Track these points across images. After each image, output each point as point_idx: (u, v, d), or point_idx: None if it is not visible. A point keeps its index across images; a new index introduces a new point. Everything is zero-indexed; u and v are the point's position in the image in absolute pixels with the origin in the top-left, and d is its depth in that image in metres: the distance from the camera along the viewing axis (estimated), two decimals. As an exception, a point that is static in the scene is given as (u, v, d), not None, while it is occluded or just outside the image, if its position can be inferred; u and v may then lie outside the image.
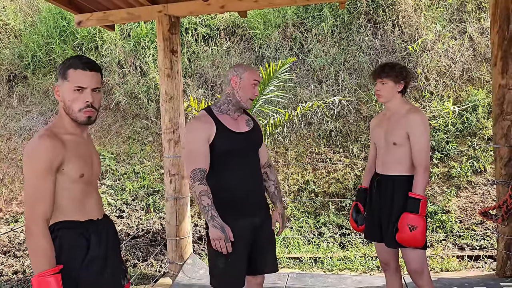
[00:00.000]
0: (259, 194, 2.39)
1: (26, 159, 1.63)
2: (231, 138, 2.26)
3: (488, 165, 5.40)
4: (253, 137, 2.37)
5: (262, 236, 2.35)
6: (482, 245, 4.66)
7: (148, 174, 6.43)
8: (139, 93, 7.21)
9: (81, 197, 1.75)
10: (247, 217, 2.25)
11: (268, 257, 2.40)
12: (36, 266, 1.58)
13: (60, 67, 1.76)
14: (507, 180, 3.57)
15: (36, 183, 1.61)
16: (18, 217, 6.23)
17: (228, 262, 2.21)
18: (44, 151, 1.62)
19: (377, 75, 2.60)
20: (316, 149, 6.16)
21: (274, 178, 2.49)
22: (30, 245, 1.59)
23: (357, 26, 6.86)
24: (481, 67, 6.29)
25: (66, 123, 1.76)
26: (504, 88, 3.59)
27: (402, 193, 2.52)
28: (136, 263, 4.82)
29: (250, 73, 2.32)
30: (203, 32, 7.47)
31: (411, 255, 2.51)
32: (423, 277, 2.52)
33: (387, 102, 2.63)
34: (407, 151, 2.52)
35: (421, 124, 2.48)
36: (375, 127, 2.77)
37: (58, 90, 1.75)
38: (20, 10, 8.61)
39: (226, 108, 2.34)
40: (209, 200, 2.12)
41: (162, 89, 4.08)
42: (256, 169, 2.39)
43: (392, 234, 2.50)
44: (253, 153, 2.39)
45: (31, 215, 1.59)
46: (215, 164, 2.25)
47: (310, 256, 4.65)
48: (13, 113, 7.68)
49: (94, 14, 4.19)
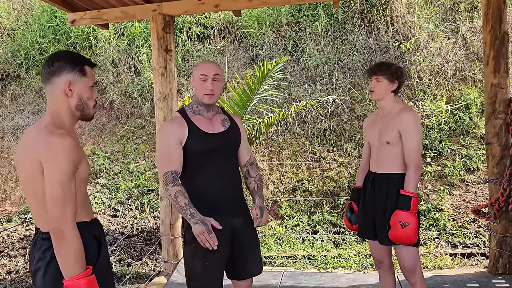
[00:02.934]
0: (236, 195, 2.32)
1: (49, 159, 1.55)
2: (204, 140, 2.21)
3: (480, 163, 5.45)
4: (228, 138, 2.30)
5: (242, 238, 2.28)
6: (474, 243, 4.70)
7: (143, 173, 6.42)
8: (133, 92, 7.20)
9: (85, 197, 1.74)
10: (223, 218, 2.15)
11: (250, 260, 2.33)
12: (69, 269, 1.53)
13: (65, 62, 1.68)
14: (499, 179, 3.60)
15: (64, 184, 1.55)
16: (11, 216, 6.20)
17: (206, 262, 2.17)
18: (69, 150, 1.57)
19: (373, 72, 2.65)
20: (310, 148, 6.18)
21: (255, 175, 2.39)
22: (62, 248, 1.53)
23: (351, 25, 6.89)
24: (473, 66, 6.34)
25: (65, 121, 1.69)
26: (496, 87, 3.62)
27: (395, 191, 2.54)
28: (130, 262, 4.82)
29: (198, 69, 2.25)
30: (198, 31, 7.47)
31: (403, 252, 2.53)
32: (416, 275, 2.55)
33: (379, 100, 2.67)
34: (400, 149, 2.55)
35: (413, 122, 2.52)
36: (368, 127, 2.81)
37: (71, 85, 1.68)
38: (13, 8, 8.56)
39: (197, 108, 2.30)
40: (185, 200, 2.09)
41: (156, 88, 4.07)
42: (233, 170, 2.33)
43: (385, 232, 2.53)
44: (229, 153, 2.31)
45: (62, 217, 1.53)
46: (190, 165, 2.22)
47: (305, 255, 4.67)
48: (6, 112, 7.64)
49: (88, 12, 4.17)
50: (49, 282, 1.62)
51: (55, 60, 1.67)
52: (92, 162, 6.69)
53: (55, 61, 1.67)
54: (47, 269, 1.62)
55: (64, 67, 1.67)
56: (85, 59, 1.74)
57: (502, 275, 3.66)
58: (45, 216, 1.61)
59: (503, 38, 3.58)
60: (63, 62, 1.67)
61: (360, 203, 2.83)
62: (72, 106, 1.69)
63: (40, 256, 1.64)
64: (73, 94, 1.68)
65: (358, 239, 4.93)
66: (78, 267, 1.54)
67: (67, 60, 1.68)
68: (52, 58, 1.68)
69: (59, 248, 1.54)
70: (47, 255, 1.62)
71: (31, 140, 1.62)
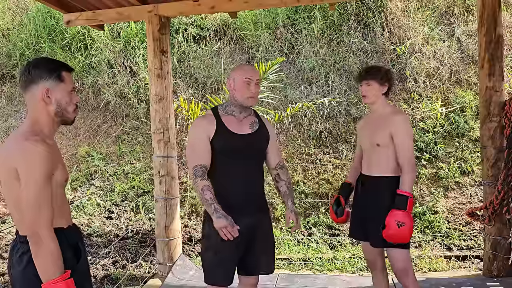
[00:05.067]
0: (255, 196, 2.40)
1: (23, 165, 1.57)
2: (228, 138, 2.30)
3: (475, 166, 5.47)
4: (254, 140, 2.38)
5: (256, 237, 2.36)
6: (469, 245, 4.71)
7: (138, 175, 6.39)
8: (128, 93, 7.17)
9: (61, 203, 1.73)
10: (240, 218, 2.24)
11: (262, 258, 2.42)
12: (47, 273, 1.54)
13: (42, 69, 1.68)
14: (493, 181, 3.61)
15: (39, 189, 1.56)
16: (5, 218, 6.16)
17: (216, 257, 2.29)
18: (43, 156, 1.58)
19: (362, 77, 2.70)
20: (306, 150, 6.18)
21: (286, 179, 2.50)
22: (39, 251, 1.55)
23: (347, 28, 6.90)
24: (468, 69, 6.36)
25: (44, 128, 1.70)
26: (491, 90, 3.64)
27: (387, 193, 2.57)
28: (125, 264, 4.79)
29: (241, 72, 2.35)
30: (194, 32, 7.46)
31: (395, 254, 2.56)
32: (408, 276, 2.57)
33: (372, 104, 2.72)
34: (391, 152, 2.59)
35: (403, 124, 2.57)
36: (361, 129, 2.86)
37: (49, 93, 1.69)
38: (8, 8, 8.52)
39: (230, 109, 2.40)
40: (211, 194, 2.20)
41: (152, 89, 4.06)
42: (255, 171, 2.40)
43: (377, 234, 2.53)
44: (253, 155, 2.38)
45: (38, 221, 1.55)
46: (215, 163, 2.31)
47: (300, 257, 4.67)
48: (1, 113, 7.59)
49: (83, 13, 4.16)
50: (26, 286, 1.64)
51: (32, 68, 1.68)
52: (87, 164, 6.66)
53: (32, 69, 1.68)
54: (24, 273, 1.64)
55: (40, 74, 1.68)
56: (62, 64, 1.75)
57: (497, 278, 3.67)
58: (22, 221, 1.63)
59: (497, 41, 3.60)
60: (40, 70, 1.68)
61: (353, 205, 2.86)
62: (51, 113, 1.71)
63: (17, 260, 1.67)
64: (51, 101, 1.70)
65: (354, 242, 4.93)
66: (55, 270, 1.55)
67: (44, 67, 1.69)
68: (29, 66, 1.69)
69: (37, 252, 1.55)
70: (24, 260, 1.64)
71: (8, 146, 1.65)
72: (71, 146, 7.03)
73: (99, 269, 4.68)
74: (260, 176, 2.45)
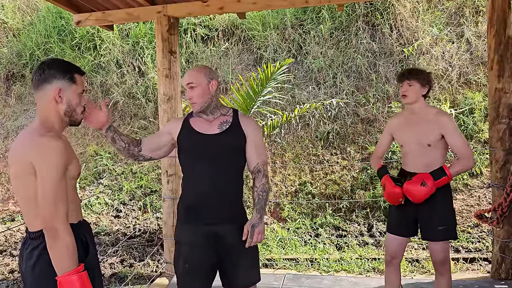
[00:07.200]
0: (224, 201, 2.18)
1: (40, 160, 1.61)
2: (190, 137, 2.24)
3: (484, 168, 5.43)
4: (221, 140, 2.20)
5: (228, 248, 2.19)
6: (477, 247, 4.68)
7: (146, 174, 6.43)
8: (137, 93, 7.22)
9: (73, 198, 1.77)
10: (205, 225, 2.14)
11: (239, 272, 2.23)
12: (62, 266, 1.59)
13: (56, 69, 1.75)
14: (502, 183, 3.59)
15: (55, 184, 1.61)
16: (14, 215, 6.22)
17: (186, 265, 2.19)
18: (59, 152, 1.64)
19: (404, 77, 2.79)
20: (313, 150, 6.17)
21: (258, 185, 2.24)
22: (55, 245, 1.59)
23: (355, 29, 6.89)
24: (478, 70, 6.32)
25: (55, 127, 1.76)
26: (500, 91, 3.61)
27: (440, 189, 2.69)
28: (132, 263, 4.83)
29: (183, 79, 2.27)
30: (202, 33, 7.49)
31: (438, 246, 2.73)
32: (446, 266, 2.76)
33: (411, 104, 2.81)
34: (440, 151, 2.73)
35: (452, 123, 2.71)
36: (401, 127, 2.90)
37: (61, 92, 1.75)
38: (19, 8, 8.61)
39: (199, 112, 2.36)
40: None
41: (160, 89, 4.08)
42: (222, 174, 2.18)
43: (436, 228, 2.70)
44: (220, 155, 2.19)
45: (55, 215, 1.60)
46: (182, 165, 2.30)
47: (307, 257, 4.66)
48: (11, 112, 7.68)
49: (93, 14, 4.19)
50: (36, 281, 1.69)
51: (47, 67, 1.76)
52: (95, 163, 6.71)
53: (46, 68, 1.76)
54: (34, 268, 1.68)
55: (55, 74, 1.75)
56: (75, 67, 1.83)
57: (505, 280, 3.65)
58: (34, 216, 1.68)
59: (507, 43, 3.58)
60: (54, 70, 1.76)
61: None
62: (61, 112, 1.78)
63: (27, 256, 1.71)
64: (62, 101, 1.76)
65: (361, 243, 4.92)
66: (70, 263, 1.60)
67: (58, 68, 1.76)
68: (44, 65, 1.77)
69: (53, 245, 1.60)
70: (34, 255, 1.68)
71: (22, 143, 1.69)
72: (79, 145, 7.09)
73: (107, 267, 4.71)
74: (231, 179, 2.22)
